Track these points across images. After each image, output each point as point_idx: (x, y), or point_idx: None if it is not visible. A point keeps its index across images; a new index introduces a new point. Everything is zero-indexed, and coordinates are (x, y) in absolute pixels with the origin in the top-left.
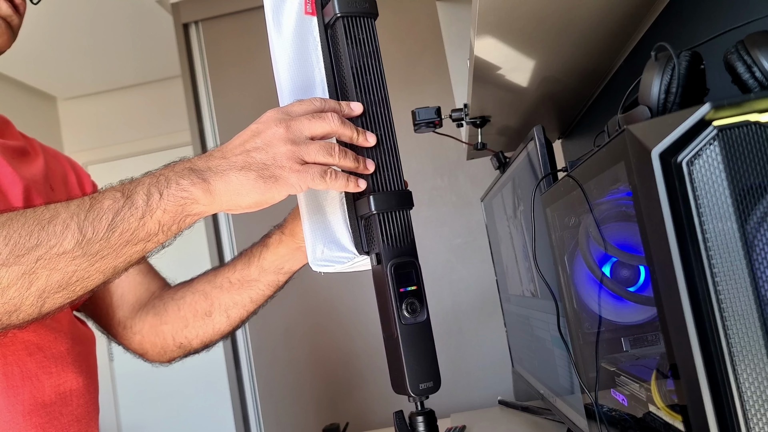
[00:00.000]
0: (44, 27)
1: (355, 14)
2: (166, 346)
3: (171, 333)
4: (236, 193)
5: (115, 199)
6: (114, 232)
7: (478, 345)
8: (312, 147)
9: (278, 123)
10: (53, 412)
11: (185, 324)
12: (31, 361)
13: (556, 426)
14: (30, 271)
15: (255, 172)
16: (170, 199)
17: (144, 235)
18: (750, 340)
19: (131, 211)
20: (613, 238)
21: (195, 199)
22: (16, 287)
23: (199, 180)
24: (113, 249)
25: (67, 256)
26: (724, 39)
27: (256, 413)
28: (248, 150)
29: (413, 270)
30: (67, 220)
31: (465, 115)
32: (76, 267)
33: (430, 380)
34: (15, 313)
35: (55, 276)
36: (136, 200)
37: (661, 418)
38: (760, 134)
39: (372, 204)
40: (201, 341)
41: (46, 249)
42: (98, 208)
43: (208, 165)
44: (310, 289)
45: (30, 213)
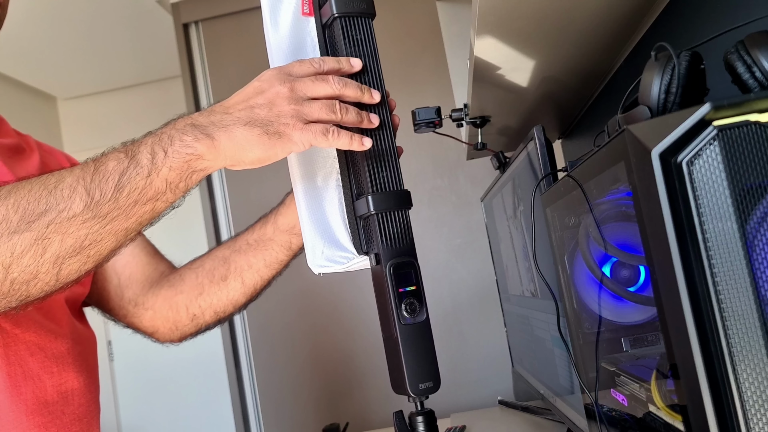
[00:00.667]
0: (44, 27)
1: (353, 14)
2: (179, 319)
3: (185, 303)
4: (241, 148)
5: (119, 160)
6: (122, 192)
7: (478, 345)
8: (315, 105)
9: (282, 82)
10: (55, 411)
11: (200, 291)
12: (32, 360)
13: (556, 426)
14: (43, 237)
15: (259, 128)
16: (175, 156)
17: (152, 194)
18: (750, 340)
19: (137, 171)
20: (613, 238)
21: (200, 155)
22: (30, 254)
23: (203, 135)
24: (122, 210)
25: (78, 219)
26: (724, 39)
27: (256, 413)
28: (252, 106)
29: (412, 270)
30: (74, 184)
31: (465, 115)
32: (88, 230)
33: (430, 380)
34: (33, 281)
35: (69, 240)
36: (141, 159)
37: (661, 418)
38: (760, 134)
39: (371, 204)
40: (214, 311)
41: (56, 213)
42: (103, 170)
43: (210, 120)
44: (310, 288)
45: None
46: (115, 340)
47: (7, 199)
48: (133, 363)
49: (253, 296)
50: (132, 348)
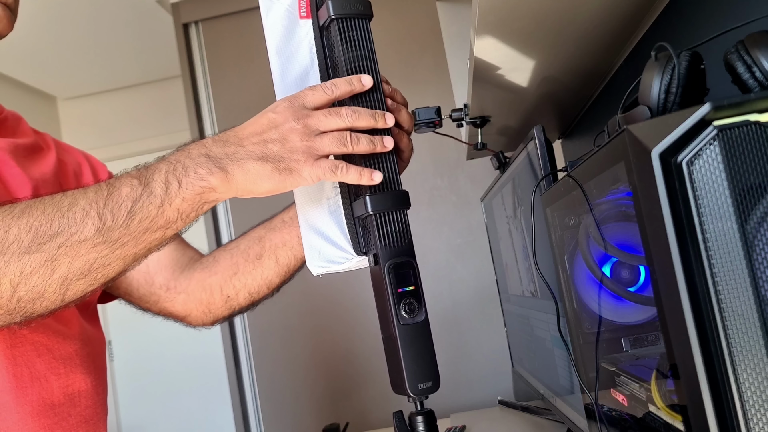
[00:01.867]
0: (45, 27)
1: (350, 16)
2: (213, 301)
3: (219, 284)
4: (252, 182)
5: (132, 186)
6: (133, 219)
7: (478, 345)
8: (326, 139)
9: (296, 118)
10: (61, 413)
11: (235, 271)
12: (39, 361)
13: (556, 426)
14: (52, 258)
15: (271, 164)
16: (189, 188)
17: (163, 222)
18: (750, 340)
19: (150, 199)
20: (613, 238)
21: (213, 188)
22: (39, 274)
23: (218, 169)
24: (133, 236)
25: (88, 243)
26: (724, 39)
27: (256, 413)
28: (265, 140)
29: (411, 270)
30: (87, 208)
31: (465, 115)
32: (97, 254)
33: (430, 380)
34: (39, 300)
35: (77, 263)
36: (155, 188)
37: (661, 418)
38: (760, 134)
39: (368, 205)
40: (248, 292)
41: (67, 236)
42: (117, 196)
43: (225, 152)
44: (310, 289)
45: (48, 200)
46: (115, 340)
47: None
48: (133, 363)
49: (287, 277)
50: (132, 348)
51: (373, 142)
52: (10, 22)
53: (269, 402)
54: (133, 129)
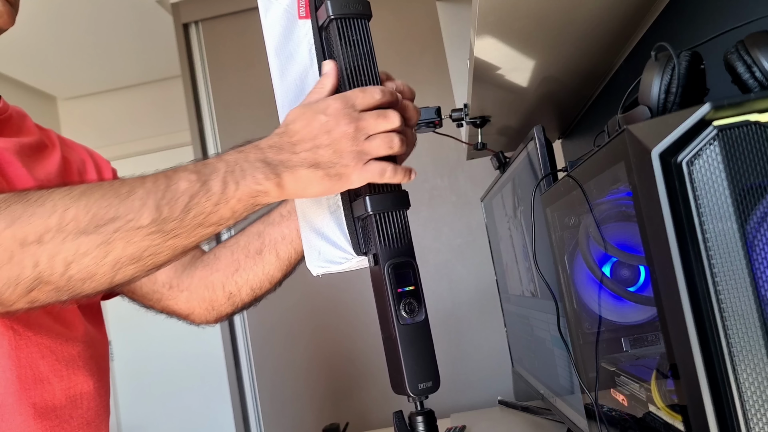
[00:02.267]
0: (44, 27)
1: (349, 16)
2: (215, 299)
3: (221, 281)
4: (303, 187)
5: (190, 182)
6: (188, 213)
7: (478, 345)
8: (374, 144)
9: (348, 121)
10: (63, 415)
11: (236, 267)
12: (43, 363)
13: (556, 426)
14: (107, 242)
15: (323, 171)
16: (245, 191)
17: (216, 219)
18: (750, 340)
19: (207, 197)
20: (613, 238)
21: (267, 192)
22: (92, 255)
23: (273, 175)
24: (186, 229)
25: (143, 231)
26: (724, 39)
27: (256, 413)
28: (317, 146)
29: (411, 270)
30: (144, 197)
31: (465, 115)
32: (150, 242)
33: (429, 380)
34: (89, 280)
35: (130, 249)
36: (212, 187)
37: (661, 418)
38: (760, 134)
39: (368, 205)
40: (251, 288)
41: (123, 222)
42: (174, 189)
43: (279, 159)
44: (310, 289)
45: (107, 185)
46: (115, 340)
47: (79, 201)
48: (133, 363)
49: (288, 270)
50: (132, 348)
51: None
52: (11, 17)
53: (269, 402)
54: (133, 129)
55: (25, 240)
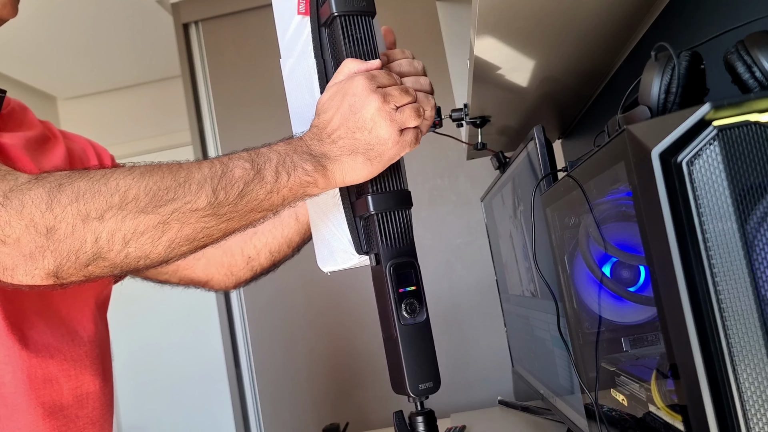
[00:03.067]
0: (44, 27)
1: (353, 13)
2: (234, 263)
3: (239, 245)
4: (347, 174)
5: (245, 170)
6: (243, 199)
7: (478, 345)
8: (404, 116)
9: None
10: (70, 414)
11: (254, 230)
12: (52, 363)
13: (556, 426)
14: (164, 222)
15: (362, 155)
16: (296, 181)
17: (268, 206)
18: (750, 340)
19: (261, 185)
20: (613, 238)
21: (315, 182)
22: (149, 234)
23: (320, 166)
24: (239, 214)
25: (199, 213)
26: (724, 39)
27: (256, 413)
28: (352, 131)
29: (412, 270)
30: (202, 182)
31: (465, 115)
32: (204, 224)
33: (430, 380)
34: (144, 259)
35: (185, 230)
36: (266, 176)
37: (661, 418)
38: (760, 134)
39: (370, 204)
40: (269, 251)
41: (181, 204)
42: (230, 176)
43: (322, 151)
44: (310, 289)
45: (165, 168)
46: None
47: (140, 181)
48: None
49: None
50: (132, 348)
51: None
52: (14, 7)
53: (269, 402)
54: (133, 129)
55: (88, 215)
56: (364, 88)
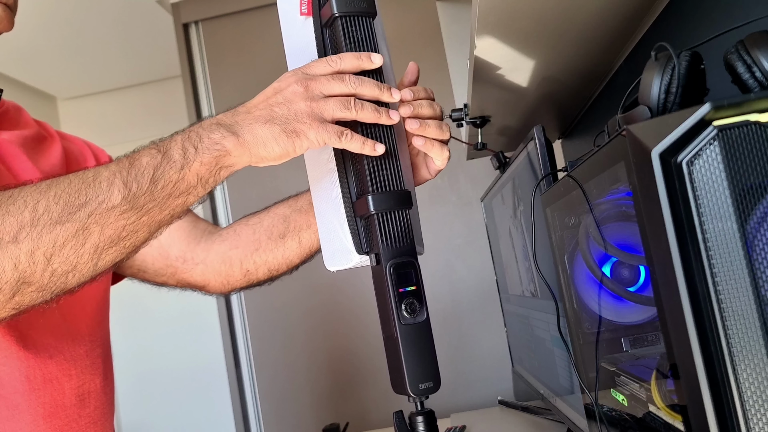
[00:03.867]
0: (44, 27)
1: (354, 14)
2: (231, 274)
3: (239, 258)
4: (262, 144)
5: (152, 155)
6: (156, 185)
7: (478, 345)
8: (329, 103)
9: (298, 82)
10: (71, 414)
11: (256, 247)
12: (51, 363)
13: (556, 426)
14: (83, 227)
15: (278, 126)
16: (205, 152)
17: (184, 187)
18: (750, 340)
19: (170, 165)
20: (613, 238)
21: (227, 151)
22: (71, 245)
23: (229, 133)
24: (157, 202)
25: (116, 210)
26: (724, 39)
27: (256, 413)
28: (271, 105)
29: (413, 270)
30: (111, 177)
31: (465, 115)
32: (125, 221)
33: (430, 380)
34: (72, 272)
35: (107, 231)
36: (173, 155)
37: (661, 418)
38: (760, 134)
39: (371, 204)
40: (268, 269)
41: (96, 205)
42: (138, 165)
43: (234, 120)
44: (310, 289)
45: (72, 175)
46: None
47: (47, 192)
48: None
49: (307, 258)
50: (132, 348)
51: (378, 111)
52: (10, 21)
53: (269, 402)
54: (133, 129)
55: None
56: (289, 75)
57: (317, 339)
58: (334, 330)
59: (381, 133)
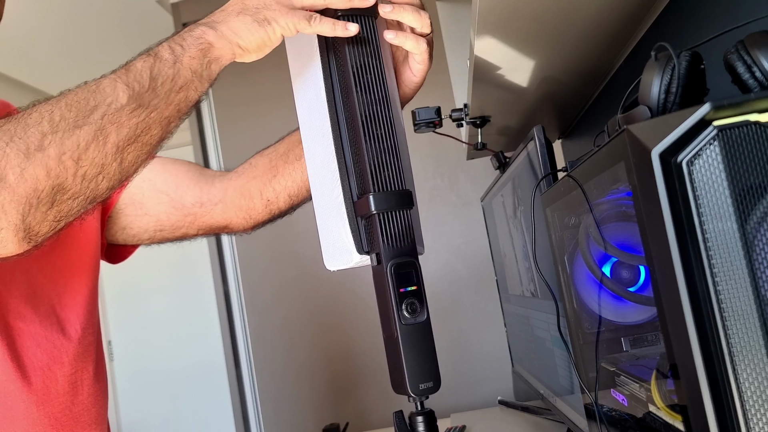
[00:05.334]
0: (44, 27)
1: (355, 14)
2: (253, 206)
3: (259, 188)
4: (238, 34)
5: (144, 60)
6: (156, 81)
7: (478, 345)
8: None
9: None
10: (65, 401)
11: (274, 173)
12: (40, 351)
13: (556, 426)
14: (100, 128)
15: (250, 16)
16: (191, 48)
17: (182, 81)
18: (750, 340)
19: (162, 63)
20: (613, 238)
21: (210, 43)
22: (94, 145)
23: (208, 29)
24: (161, 98)
25: (126, 109)
26: (724, 39)
27: (256, 413)
28: (244, 2)
29: (413, 270)
30: (113, 83)
31: (465, 115)
32: (137, 119)
33: (430, 380)
34: (100, 175)
35: (123, 130)
36: (163, 54)
37: (661, 418)
38: (760, 134)
39: (372, 204)
40: (288, 195)
41: (106, 107)
42: (134, 69)
43: (212, 18)
44: (310, 289)
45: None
46: (115, 340)
47: (59, 103)
48: (133, 363)
49: None
50: (132, 348)
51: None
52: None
53: (269, 402)
54: None
55: (29, 150)
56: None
57: (317, 339)
58: (334, 330)
59: (384, 132)
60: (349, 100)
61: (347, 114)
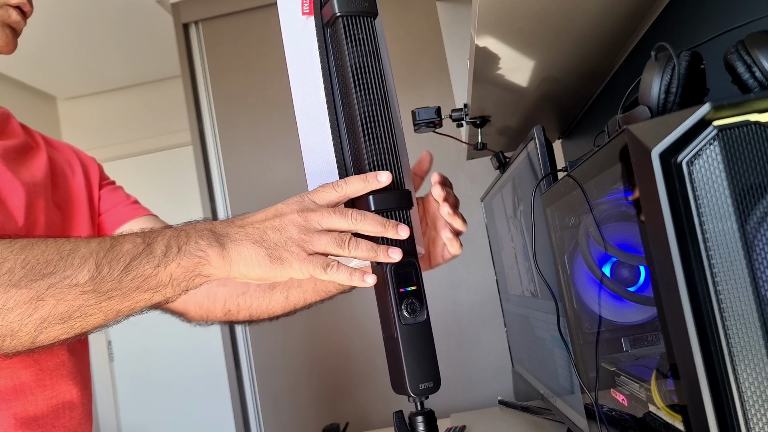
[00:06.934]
0: (44, 27)
1: (355, 14)
2: (212, 309)
3: (224, 297)
4: (245, 263)
5: (135, 244)
6: (128, 275)
7: (478, 345)
8: (323, 239)
9: (300, 211)
10: (45, 425)
11: (244, 291)
12: (26, 374)
13: (556, 426)
14: (38, 297)
15: (266, 250)
16: (186, 255)
17: (154, 284)
18: (750, 340)
19: (148, 258)
20: (613, 238)
21: (209, 260)
22: (20, 311)
23: (217, 244)
24: (122, 292)
25: (78, 289)
26: (724, 39)
27: (256, 413)
28: (266, 227)
29: (413, 270)
30: (87, 256)
31: (465, 115)
32: (83, 302)
33: (430, 380)
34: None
35: (61, 307)
36: (155, 249)
37: (661, 418)
38: (760, 134)
39: (371, 204)
40: (249, 314)
41: (60, 278)
42: (118, 250)
43: (227, 230)
44: None
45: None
46: (115, 340)
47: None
48: (133, 363)
49: (290, 313)
50: (132, 348)
51: (374, 249)
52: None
53: (269, 402)
54: (133, 129)
55: None
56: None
57: (317, 339)
58: (334, 330)
59: (382, 132)
60: (349, 101)
61: (347, 114)
